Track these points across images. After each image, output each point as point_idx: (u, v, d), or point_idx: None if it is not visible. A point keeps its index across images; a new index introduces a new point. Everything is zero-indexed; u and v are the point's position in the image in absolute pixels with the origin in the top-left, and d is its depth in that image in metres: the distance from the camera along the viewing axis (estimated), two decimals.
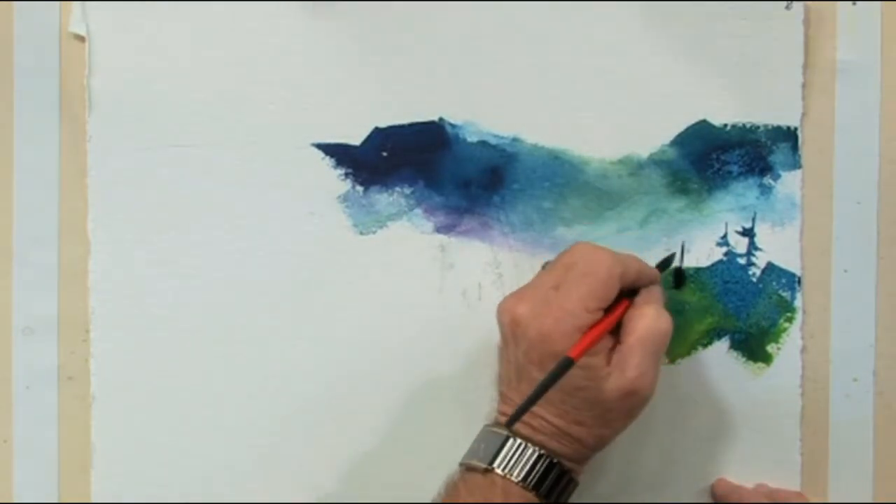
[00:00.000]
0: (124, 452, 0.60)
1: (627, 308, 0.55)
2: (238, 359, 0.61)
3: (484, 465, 0.53)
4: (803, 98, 0.61)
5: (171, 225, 0.60)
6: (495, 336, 0.56)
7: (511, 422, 0.52)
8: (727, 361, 0.61)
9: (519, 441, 0.53)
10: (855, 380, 0.61)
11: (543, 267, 0.59)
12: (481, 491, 0.53)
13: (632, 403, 0.54)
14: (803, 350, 0.61)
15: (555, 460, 0.53)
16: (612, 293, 0.54)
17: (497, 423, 0.55)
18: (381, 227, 0.61)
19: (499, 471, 0.53)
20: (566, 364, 0.51)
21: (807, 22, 0.61)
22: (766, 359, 0.61)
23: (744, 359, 0.61)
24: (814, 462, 0.61)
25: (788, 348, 0.61)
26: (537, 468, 0.53)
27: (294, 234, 0.61)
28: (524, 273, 0.60)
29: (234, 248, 0.61)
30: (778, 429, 0.61)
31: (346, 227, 0.61)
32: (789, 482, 0.61)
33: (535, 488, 0.53)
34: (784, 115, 0.61)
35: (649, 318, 0.54)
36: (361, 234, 0.61)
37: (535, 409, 0.52)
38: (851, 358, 0.61)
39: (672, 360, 0.61)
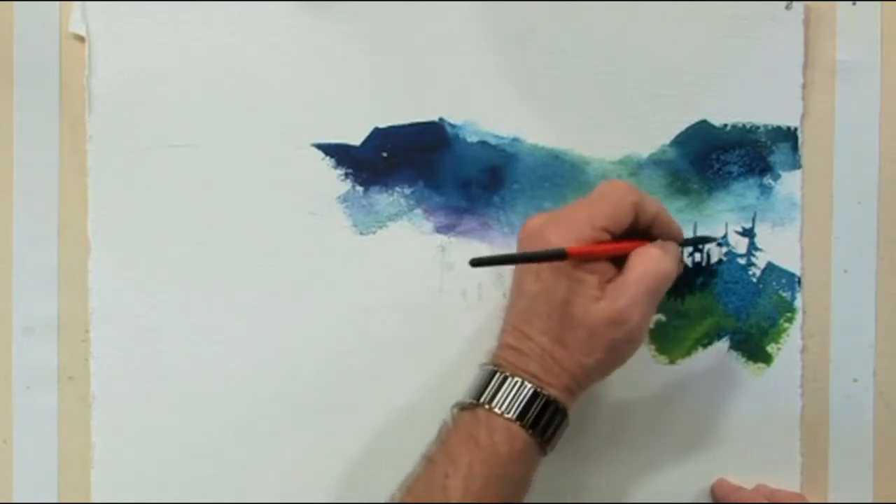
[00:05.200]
0: (124, 452, 0.60)
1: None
2: (237, 359, 0.61)
3: (469, 401, 0.53)
4: (803, 98, 0.61)
5: (170, 225, 0.61)
6: (495, 336, 0.56)
7: (475, 263, 0.52)
8: (727, 361, 0.61)
9: (501, 372, 0.53)
10: (855, 380, 0.61)
11: None
12: (467, 427, 0.53)
13: (616, 335, 0.53)
14: (803, 350, 0.61)
15: (538, 389, 0.53)
16: (624, 218, 0.54)
17: (490, 361, 0.55)
18: (381, 227, 0.61)
19: (484, 404, 0.53)
20: (557, 252, 0.52)
21: (807, 22, 0.61)
22: (766, 359, 0.61)
23: (744, 359, 0.61)
24: (814, 462, 0.61)
25: (788, 348, 0.61)
26: (520, 397, 0.52)
27: (294, 234, 0.61)
28: None
29: (233, 248, 0.61)
30: (778, 429, 0.61)
31: (346, 227, 0.61)
32: (789, 482, 0.61)
33: (520, 418, 0.52)
34: (784, 115, 0.61)
35: (652, 259, 0.53)
36: (361, 234, 0.61)
37: (523, 326, 0.53)
38: (851, 358, 0.61)
39: (672, 361, 0.61)
